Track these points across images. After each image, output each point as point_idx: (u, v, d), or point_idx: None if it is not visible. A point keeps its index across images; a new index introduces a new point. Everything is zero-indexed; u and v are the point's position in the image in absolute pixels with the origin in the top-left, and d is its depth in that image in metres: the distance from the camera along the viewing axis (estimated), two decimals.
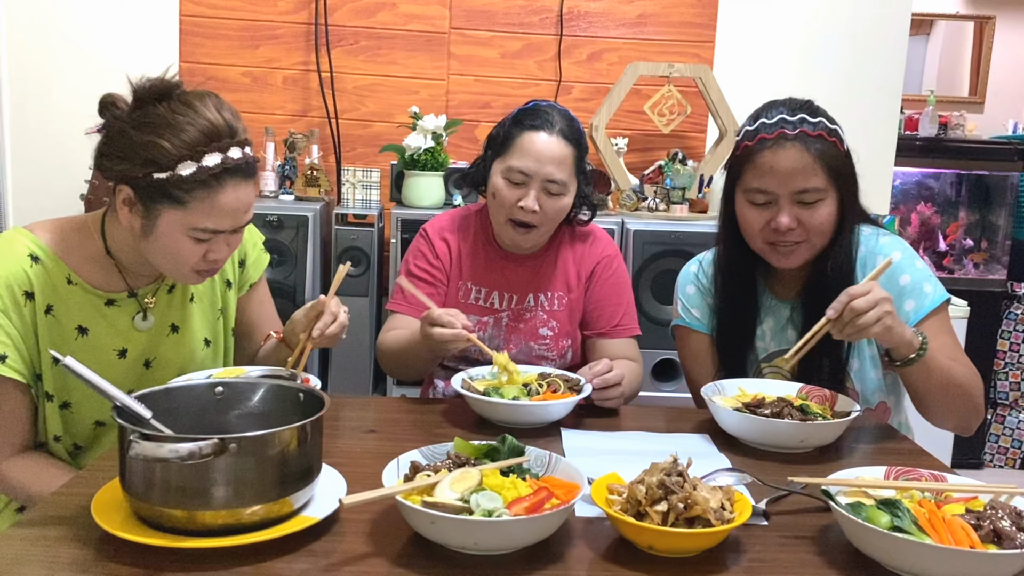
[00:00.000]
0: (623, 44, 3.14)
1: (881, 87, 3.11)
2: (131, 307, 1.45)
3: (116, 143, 1.29)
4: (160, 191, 1.27)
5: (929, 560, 0.92)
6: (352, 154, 3.12)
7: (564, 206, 1.72)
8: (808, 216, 1.52)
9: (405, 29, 3.09)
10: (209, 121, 1.27)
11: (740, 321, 1.66)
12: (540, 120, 1.70)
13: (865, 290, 1.35)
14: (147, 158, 1.26)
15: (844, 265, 1.57)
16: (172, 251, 1.33)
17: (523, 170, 1.68)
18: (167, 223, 1.30)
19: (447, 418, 1.49)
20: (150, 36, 3.00)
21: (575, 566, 0.97)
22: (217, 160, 1.27)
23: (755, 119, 1.57)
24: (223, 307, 1.60)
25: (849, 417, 1.37)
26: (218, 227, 1.32)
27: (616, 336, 1.80)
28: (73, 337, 1.39)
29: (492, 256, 1.82)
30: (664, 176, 2.94)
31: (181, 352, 1.51)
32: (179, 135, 1.25)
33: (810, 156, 1.50)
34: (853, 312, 1.34)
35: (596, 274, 1.82)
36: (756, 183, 1.54)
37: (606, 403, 1.53)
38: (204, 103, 1.29)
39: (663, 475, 1.00)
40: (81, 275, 1.39)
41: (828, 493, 1.05)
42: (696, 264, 1.76)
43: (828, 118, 1.55)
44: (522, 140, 1.69)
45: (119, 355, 1.43)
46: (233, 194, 1.30)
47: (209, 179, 1.27)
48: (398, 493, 0.97)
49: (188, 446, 0.90)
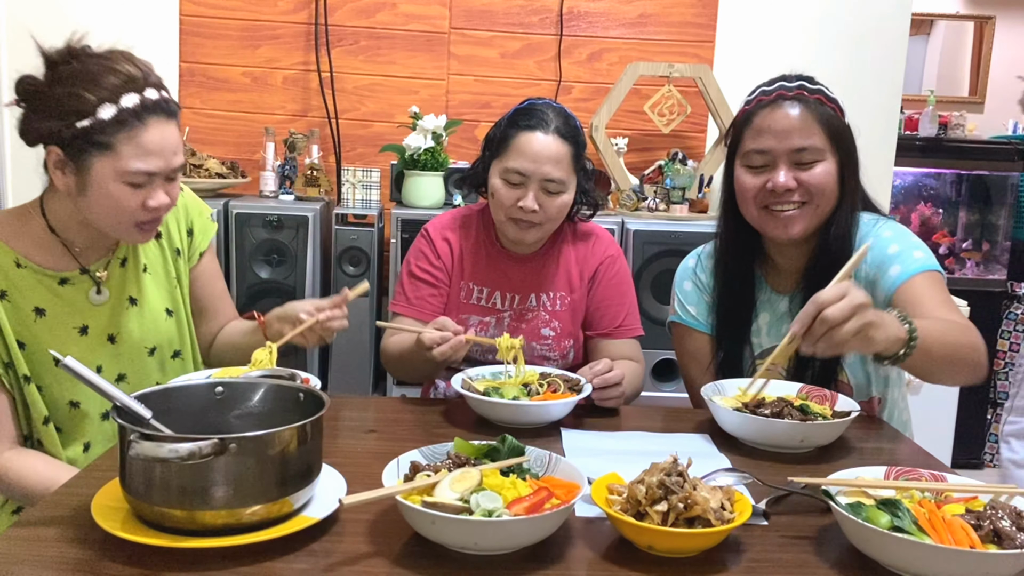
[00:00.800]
0: (623, 44, 3.14)
1: (881, 87, 3.11)
2: (85, 284, 1.46)
3: (36, 105, 1.34)
4: (86, 140, 1.31)
5: (929, 560, 0.92)
6: (352, 154, 3.12)
7: (564, 203, 1.72)
8: (807, 176, 1.49)
9: (405, 29, 3.09)
10: (124, 68, 1.32)
11: (736, 315, 1.64)
12: (535, 120, 1.70)
13: (837, 295, 1.14)
14: (68, 109, 1.30)
15: (843, 243, 1.52)
16: (110, 203, 1.35)
17: (520, 170, 1.68)
18: (99, 173, 1.33)
19: (447, 418, 1.49)
20: (150, 36, 3.00)
21: (575, 566, 0.97)
22: (136, 100, 1.31)
23: (755, 90, 1.58)
24: (177, 276, 1.60)
25: (849, 417, 1.37)
26: (148, 168, 1.34)
27: (618, 337, 1.80)
28: (32, 320, 1.40)
29: (494, 256, 1.82)
30: (664, 176, 2.94)
31: (144, 324, 1.52)
32: (96, 82, 1.30)
33: (808, 113, 1.49)
34: (825, 324, 1.13)
35: (599, 274, 1.82)
36: (753, 144, 1.52)
37: (606, 403, 1.53)
38: (115, 55, 1.35)
39: (663, 475, 1.00)
40: (29, 258, 1.41)
41: (828, 493, 1.05)
42: (694, 258, 1.75)
43: (827, 90, 1.55)
44: (518, 141, 1.69)
45: (80, 332, 1.45)
46: (157, 132, 1.34)
47: (130, 119, 1.31)
48: (398, 493, 0.97)
49: (188, 446, 0.90)
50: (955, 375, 1.40)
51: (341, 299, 1.49)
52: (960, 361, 1.34)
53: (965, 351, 1.34)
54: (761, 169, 1.52)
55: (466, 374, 1.56)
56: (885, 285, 1.48)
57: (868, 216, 1.58)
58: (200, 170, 2.77)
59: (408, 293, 1.80)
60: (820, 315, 1.13)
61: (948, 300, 1.44)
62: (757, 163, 1.52)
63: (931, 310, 1.40)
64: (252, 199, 2.80)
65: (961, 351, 1.33)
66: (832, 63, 3.07)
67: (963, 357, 1.34)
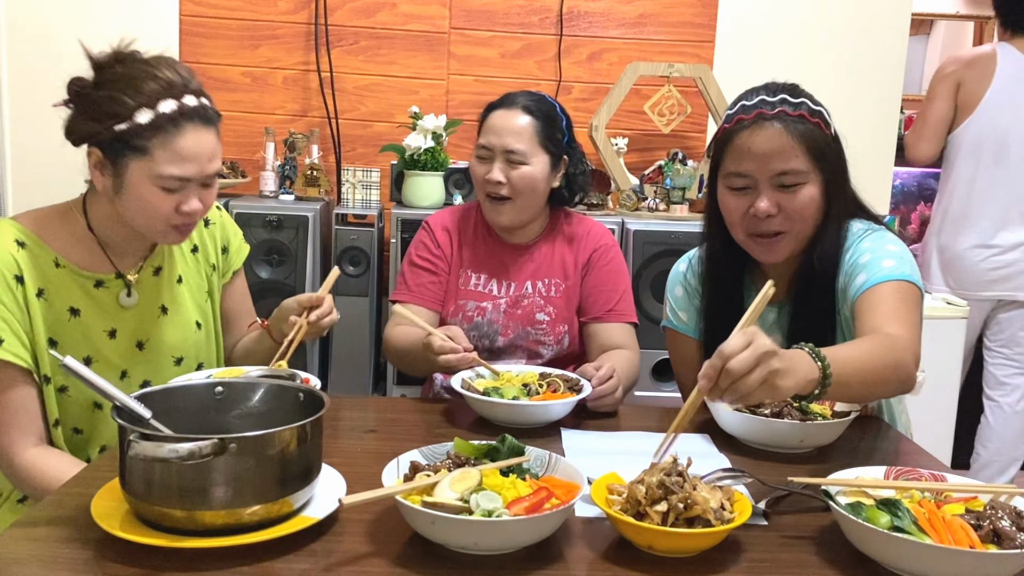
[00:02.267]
0: (623, 44, 3.14)
1: (881, 87, 3.11)
2: (117, 287, 1.48)
3: (81, 107, 1.37)
4: (124, 143, 1.33)
5: (929, 560, 0.92)
6: (352, 154, 3.12)
7: (528, 175, 1.78)
8: (788, 201, 1.46)
9: (405, 29, 3.09)
10: (164, 75, 1.35)
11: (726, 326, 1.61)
12: (505, 101, 1.83)
13: (741, 345, 1.07)
14: (108, 112, 1.33)
15: (829, 262, 1.50)
16: (144, 204, 1.38)
17: (485, 145, 1.81)
18: (135, 175, 1.35)
19: (447, 418, 1.49)
20: (150, 36, 2.98)
21: (575, 566, 0.97)
22: (173, 107, 1.34)
23: (736, 103, 1.53)
24: (210, 290, 1.63)
25: (849, 417, 1.37)
26: (183, 173, 1.36)
27: (611, 320, 1.83)
28: (66, 319, 1.42)
29: (491, 245, 1.89)
30: (664, 176, 2.94)
31: (173, 334, 1.54)
32: (137, 87, 1.33)
33: (789, 136, 1.44)
34: (730, 377, 1.07)
35: (592, 261, 1.87)
36: (734, 167, 1.49)
37: (600, 407, 1.53)
38: (159, 62, 1.37)
39: (663, 475, 1.00)
40: (68, 258, 1.43)
41: (828, 493, 1.05)
42: (686, 263, 1.74)
43: (812, 100, 1.50)
44: (488, 120, 1.83)
45: (109, 335, 1.46)
46: (193, 139, 1.36)
47: (167, 124, 1.33)
48: (398, 493, 0.97)
49: (188, 446, 0.90)
50: (877, 396, 1.43)
51: (318, 298, 1.52)
52: (881, 383, 1.30)
53: (886, 372, 1.28)
54: (743, 191, 1.49)
55: (466, 374, 1.56)
56: (851, 294, 1.46)
57: (859, 225, 1.54)
58: None
59: (409, 281, 1.86)
60: (724, 367, 1.07)
61: (899, 310, 1.37)
62: (738, 185, 1.49)
63: (877, 321, 1.36)
64: (252, 199, 2.80)
65: (882, 373, 1.28)
66: (832, 63, 3.08)
67: (883, 379, 1.29)
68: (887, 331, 1.33)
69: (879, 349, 1.29)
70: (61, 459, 1.39)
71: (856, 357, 1.24)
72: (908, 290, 1.40)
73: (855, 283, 1.44)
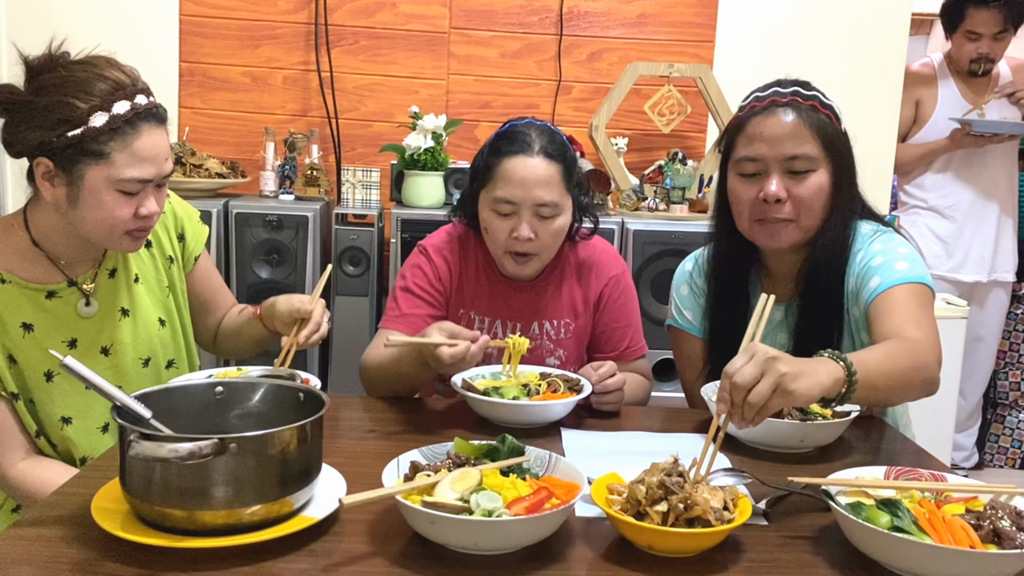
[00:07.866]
0: (623, 44, 3.14)
1: (881, 87, 3.11)
2: (73, 296, 1.44)
3: (22, 116, 1.30)
4: (78, 149, 1.29)
5: (929, 560, 0.92)
6: (352, 154, 3.12)
7: (560, 227, 1.65)
8: (797, 187, 1.47)
9: (405, 29, 3.09)
10: (112, 75, 1.30)
11: (731, 324, 1.59)
12: (517, 143, 1.62)
13: (743, 361, 1.07)
14: (58, 119, 1.28)
15: (836, 259, 1.50)
16: (103, 213, 1.33)
17: (509, 199, 1.60)
18: (92, 182, 1.31)
19: (447, 418, 1.49)
20: (150, 36, 3.00)
21: (575, 566, 0.97)
22: (127, 107, 1.30)
23: (748, 96, 1.56)
24: (170, 284, 1.59)
25: (849, 417, 1.37)
26: (143, 175, 1.33)
27: (625, 360, 1.76)
28: (20, 336, 1.38)
29: (495, 283, 1.74)
30: (664, 176, 2.94)
31: (138, 335, 1.51)
32: (85, 89, 1.28)
33: (801, 122, 1.46)
34: (740, 391, 1.05)
35: (604, 297, 1.76)
36: (745, 151, 1.50)
37: (603, 407, 1.53)
38: (101, 61, 1.33)
39: (663, 475, 1.00)
40: (14, 272, 1.38)
41: (828, 493, 1.05)
42: (692, 262, 1.74)
43: (823, 95, 1.52)
44: (503, 168, 1.61)
45: (69, 346, 1.42)
46: (150, 139, 1.33)
47: (123, 126, 1.29)
48: (398, 493, 0.97)
49: (188, 446, 0.90)
50: (904, 398, 1.40)
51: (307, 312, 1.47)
52: (907, 385, 1.30)
53: (910, 374, 1.29)
54: (753, 177, 1.49)
55: (466, 374, 1.55)
56: (864, 297, 1.46)
57: (868, 227, 1.55)
58: (200, 170, 2.77)
59: (403, 308, 1.69)
60: (731, 385, 1.06)
61: (917, 313, 1.38)
62: (749, 171, 1.50)
63: (896, 325, 1.36)
64: (252, 199, 2.80)
65: (907, 375, 1.28)
66: (832, 63, 3.08)
67: (908, 381, 1.29)
68: (907, 334, 1.34)
69: (901, 352, 1.30)
70: (52, 466, 1.38)
71: (879, 360, 1.25)
72: (922, 292, 1.42)
73: (868, 286, 1.44)
